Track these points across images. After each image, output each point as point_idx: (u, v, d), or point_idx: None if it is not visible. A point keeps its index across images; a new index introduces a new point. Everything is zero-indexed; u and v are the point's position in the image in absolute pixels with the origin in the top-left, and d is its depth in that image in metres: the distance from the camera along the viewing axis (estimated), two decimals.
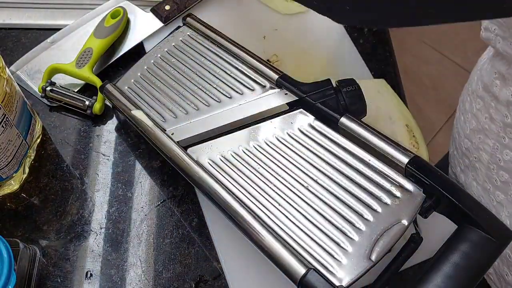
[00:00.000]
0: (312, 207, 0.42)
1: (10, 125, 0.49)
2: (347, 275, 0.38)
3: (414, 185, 0.42)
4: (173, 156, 0.47)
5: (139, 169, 0.55)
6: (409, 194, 0.41)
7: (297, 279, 0.38)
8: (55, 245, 0.50)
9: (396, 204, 0.41)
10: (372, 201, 0.42)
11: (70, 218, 0.52)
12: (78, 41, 0.63)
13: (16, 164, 0.52)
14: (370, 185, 0.43)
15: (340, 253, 0.39)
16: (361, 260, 0.39)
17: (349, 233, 0.40)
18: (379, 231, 0.40)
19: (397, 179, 0.42)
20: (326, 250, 0.40)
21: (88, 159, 0.56)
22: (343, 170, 0.44)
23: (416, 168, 0.41)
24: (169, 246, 0.51)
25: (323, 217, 0.42)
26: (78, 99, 0.58)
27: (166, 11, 0.64)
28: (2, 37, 0.65)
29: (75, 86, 0.60)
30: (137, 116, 0.50)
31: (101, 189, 0.54)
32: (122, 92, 0.53)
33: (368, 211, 0.41)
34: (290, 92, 0.50)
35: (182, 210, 0.53)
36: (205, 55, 0.55)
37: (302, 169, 0.45)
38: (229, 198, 0.43)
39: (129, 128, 0.58)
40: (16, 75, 0.61)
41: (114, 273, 0.49)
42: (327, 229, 0.41)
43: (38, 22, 0.66)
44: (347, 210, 0.42)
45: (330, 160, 0.45)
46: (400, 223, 0.40)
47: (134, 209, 0.53)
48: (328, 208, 0.42)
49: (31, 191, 0.54)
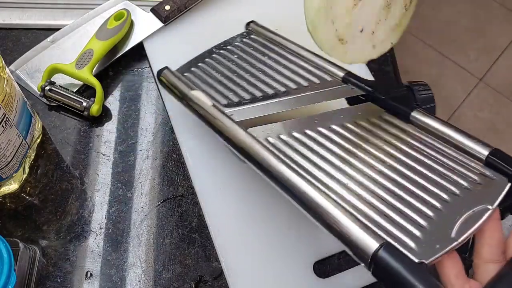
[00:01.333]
0: (382, 187, 0.40)
1: (10, 125, 0.49)
2: (428, 251, 0.34)
3: (497, 173, 0.40)
4: (231, 135, 0.44)
5: (139, 169, 0.55)
6: (492, 181, 0.39)
7: (369, 255, 0.33)
8: (55, 245, 0.50)
9: (477, 189, 0.39)
10: (448, 184, 0.39)
11: (70, 218, 0.52)
12: (78, 41, 0.63)
13: (16, 164, 0.52)
14: (445, 171, 0.41)
15: (417, 230, 0.36)
16: (443, 239, 0.35)
17: (425, 210, 0.38)
18: (462, 212, 0.37)
19: (477, 167, 0.40)
20: (401, 227, 0.37)
21: (88, 159, 0.56)
22: (415, 156, 0.42)
23: (499, 158, 0.39)
24: (169, 246, 0.51)
25: (395, 195, 0.39)
26: (76, 100, 0.58)
27: (166, 11, 0.64)
28: (2, 37, 0.65)
29: (75, 86, 0.60)
30: (197, 96, 0.48)
31: (101, 189, 0.54)
32: (180, 77, 0.52)
33: (444, 193, 0.39)
34: (357, 87, 0.49)
35: (182, 210, 0.53)
36: (269, 50, 0.56)
37: (369, 154, 0.43)
38: (293, 176, 0.39)
39: (129, 128, 0.58)
40: (15, 74, 0.61)
41: (114, 273, 0.49)
42: (400, 207, 0.38)
43: (38, 22, 0.66)
44: (419, 190, 0.39)
45: (399, 147, 0.43)
46: (484, 206, 0.37)
47: (134, 209, 0.53)
48: (399, 189, 0.39)
49: (31, 191, 0.54)
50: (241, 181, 0.53)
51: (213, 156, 0.55)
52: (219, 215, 0.51)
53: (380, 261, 0.33)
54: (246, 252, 0.49)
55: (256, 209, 0.52)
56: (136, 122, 0.59)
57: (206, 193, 0.53)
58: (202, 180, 0.54)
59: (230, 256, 0.49)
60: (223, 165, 0.54)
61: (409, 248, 0.35)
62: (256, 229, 0.51)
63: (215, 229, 0.51)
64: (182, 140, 0.56)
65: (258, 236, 0.50)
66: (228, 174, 0.54)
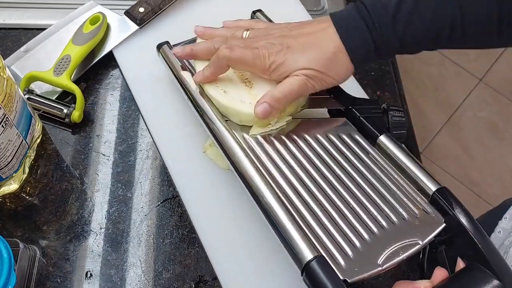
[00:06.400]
0: (331, 203, 0.43)
1: (10, 125, 0.49)
2: (354, 272, 0.38)
3: (436, 212, 0.42)
4: (210, 119, 0.49)
5: (139, 169, 0.55)
6: (430, 218, 0.42)
7: (303, 264, 0.38)
8: (55, 245, 0.50)
9: (414, 223, 0.42)
10: (390, 212, 0.43)
11: (70, 218, 0.52)
12: (53, 48, 0.61)
13: (16, 164, 0.52)
14: (391, 199, 0.44)
15: (349, 250, 0.40)
16: (370, 262, 0.39)
17: (362, 232, 0.41)
18: (393, 242, 0.40)
19: (421, 202, 0.43)
20: (337, 243, 0.40)
21: (88, 159, 0.56)
22: (369, 179, 0.45)
23: (443, 197, 0.42)
24: (169, 246, 0.51)
25: (340, 213, 0.42)
26: (56, 107, 0.57)
27: (141, 13, 0.63)
28: (2, 37, 0.65)
29: (55, 93, 0.59)
30: (185, 78, 0.53)
31: (101, 189, 0.54)
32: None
33: (384, 219, 0.42)
34: (337, 100, 0.52)
35: (182, 210, 0.53)
36: None
37: (329, 168, 0.46)
38: (253, 173, 0.44)
39: (129, 128, 0.58)
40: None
41: (114, 273, 0.49)
42: (341, 225, 0.42)
43: (38, 22, 0.66)
44: (363, 212, 0.42)
45: (358, 168, 0.46)
46: (415, 241, 0.40)
47: (134, 209, 0.53)
48: (346, 207, 0.43)
49: (31, 191, 0.54)
50: (227, 185, 0.53)
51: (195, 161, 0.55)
52: (206, 217, 0.51)
53: (310, 270, 0.37)
54: (239, 255, 0.49)
55: (244, 212, 0.51)
56: (136, 122, 0.59)
57: (192, 197, 0.53)
58: (185, 184, 0.54)
59: (222, 259, 0.49)
60: (205, 170, 0.54)
61: (338, 264, 0.39)
62: (245, 232, 0.50)
63: (204, 237, 0.50)
64: (161, 146, 0.56)
65: (248, 239, 0.50)
66: (210, 180, 0.54)
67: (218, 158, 0.54)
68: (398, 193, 0.44)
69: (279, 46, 0.47)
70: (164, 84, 0.60)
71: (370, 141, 0.48)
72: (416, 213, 0.42)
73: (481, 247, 0.39)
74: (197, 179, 0.53)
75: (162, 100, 0.59)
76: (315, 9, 0.69)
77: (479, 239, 0.39)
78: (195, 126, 0.55)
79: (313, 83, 0.47)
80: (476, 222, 0.40)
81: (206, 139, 0.55)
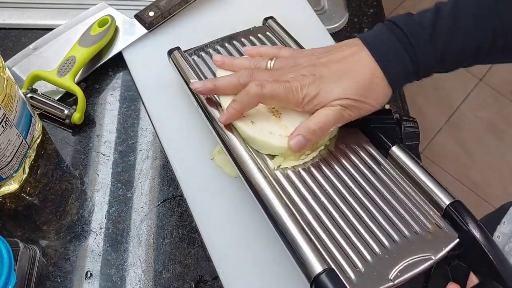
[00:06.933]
0: (342, 215, 0.43)
1: (10, 125, 0.49)
2: (364, 286, 0.37)
3: (450, 227, 0.42)
4: (220, 126, 0.49)
5: (139, 169, 0.55)
6: (443, 233, 0.41)
7: (312, 277, 0.37)
8: (55, 245, 0.51)
9: (427, 237, 0.41)
10: (402, 226, 0.42)
11: (70, 218, 0.52)
12: (61, 48, 0.61)
13: (16, 164, 0.52)
14: (404, 212, 0.43)
15: (360, 264, 0.39)
16: (381, 277, 0.38)
17: (374, 246, 0.40)
18: (405, 256, 0.39)
19: (434, 216, 0.43)
20: (348, 257, 0.39)
21: (88, 159, 0.56)
22: (381, 191, 0.45)
23: (457, 211, 0.41)
24: (169, 246, 0.51)
25: (351, 225, 0.42)
26: (57, 108, 0.57)
27: (150, 17, 0.63)
28: (2, 37, 0.65)
29: (58, 93, 0.59)
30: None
31: (101, 189, 0.54)
32: (188, 61, 0.55)
33: (396, 233, 0.41)
34: None
35: (182, 210, 0.53)
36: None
37: (340, 179, 0.45)
38: (262, 181, 0.44)
39: (129, 128, 0.58)
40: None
41: (114, 273, 0.49)
42: (352, 238, 0.41)
43: (38, 22, 0.66)
44: (374, 226, 0.42)
45: (370, 179, 0.46)
46: (428, 256, 0.39)
47: (134, 209, 0.53)
48: (357, 220, 0.42)
49: (31, 191, 0.54)
50: (234, 193, 0.52)
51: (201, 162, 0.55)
52: (213, 225, 0.51)
53: (320, 283, 0.37)
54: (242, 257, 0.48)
55: (251, 220, 0.51)
56: (136, 122, 0.59)
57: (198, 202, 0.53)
58: (192, 191, 0.53)
59: (225, 260, 0.49)
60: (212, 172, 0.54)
61: (349, 278, 0.38)
62: (252, 240, 0.50)
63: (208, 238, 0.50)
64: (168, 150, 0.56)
65: (254, 247, 0.50)
66: (217, 186, 0.53)
67: (227, 165, 0.53)
68: (410, 206, 0.43)
69: (311, 78, 0.45)
70: (174, 88, 0.59)
71: (383, 152, 0.47)
72: (429, 227, 0.42)
73: (495, 263, 0.38)
74: (204, 186, 0.53)
75: (171, 104, 0.59)
76: (315, 9, 0.69)
77: (493, 255, 0.38)
78: (204, 132, 0.54)
79: (350, 112, 0.45)
80: (490, 237, 0.39)
81: (215, 145, 0.54)
